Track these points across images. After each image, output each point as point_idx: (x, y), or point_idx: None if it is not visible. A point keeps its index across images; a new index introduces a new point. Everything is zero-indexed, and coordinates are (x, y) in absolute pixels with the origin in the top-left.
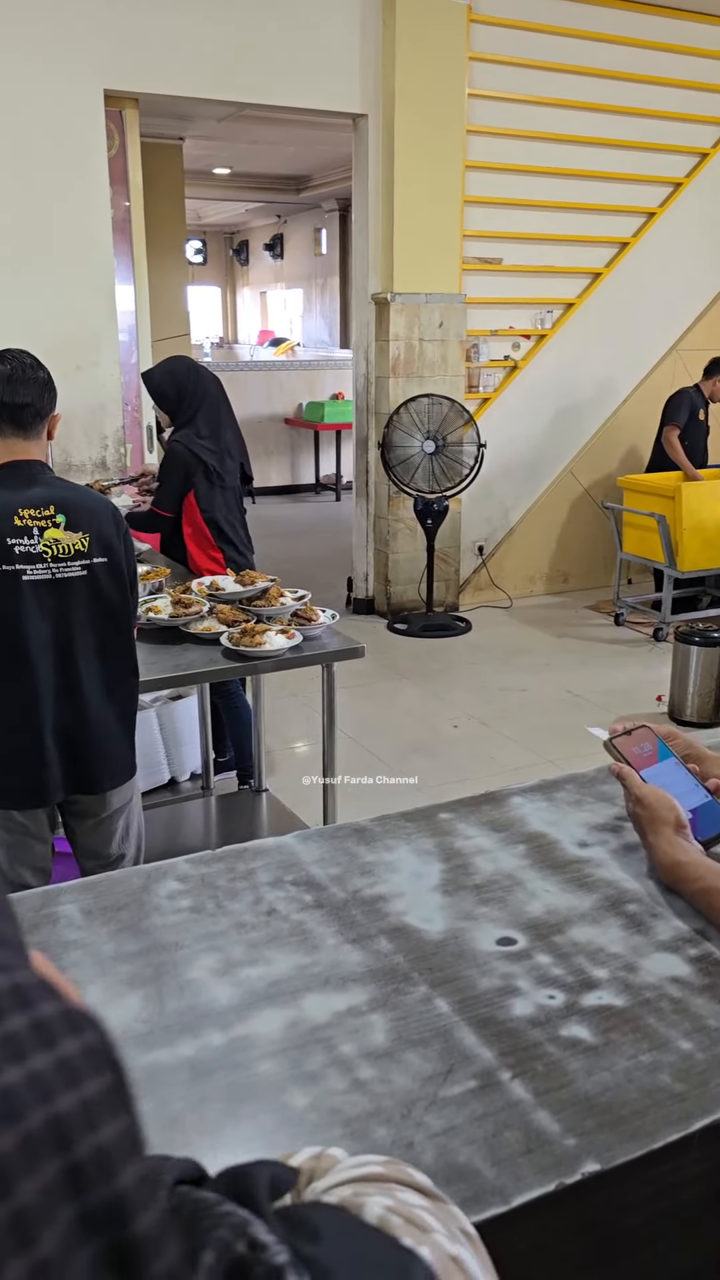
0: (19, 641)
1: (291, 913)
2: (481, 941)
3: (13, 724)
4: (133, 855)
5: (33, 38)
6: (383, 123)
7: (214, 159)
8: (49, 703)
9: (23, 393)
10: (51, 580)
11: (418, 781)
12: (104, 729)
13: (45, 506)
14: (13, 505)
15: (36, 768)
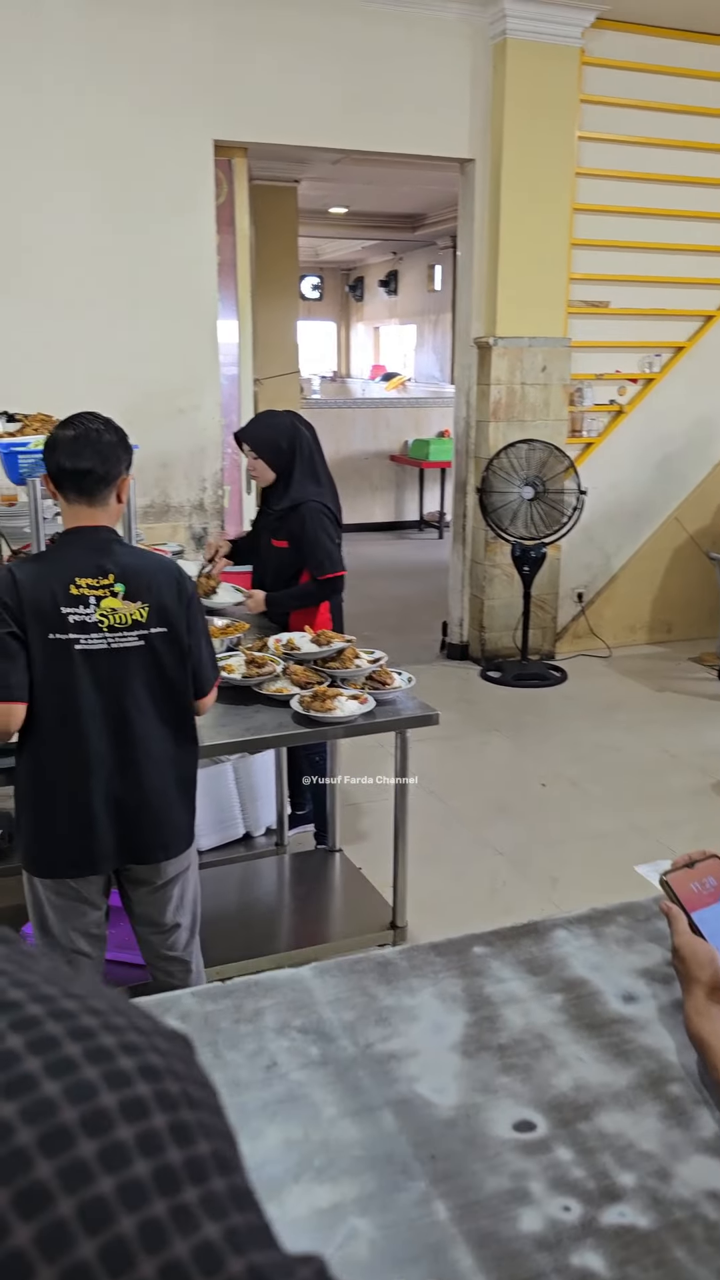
0: (71, 710)
1: (293, 1070)
2: (497, 1124)
3: (65, 793)
4: (188, 924)
5: (146, 91)
6: (490, 167)
7: (330, 199)
8: (101, 772)
9: (85, 458)
10: (107, 650)
11: (498, 848)
12: (159, 799)
13: (104, 575)
14: (71, 574)
15: (87, 837)
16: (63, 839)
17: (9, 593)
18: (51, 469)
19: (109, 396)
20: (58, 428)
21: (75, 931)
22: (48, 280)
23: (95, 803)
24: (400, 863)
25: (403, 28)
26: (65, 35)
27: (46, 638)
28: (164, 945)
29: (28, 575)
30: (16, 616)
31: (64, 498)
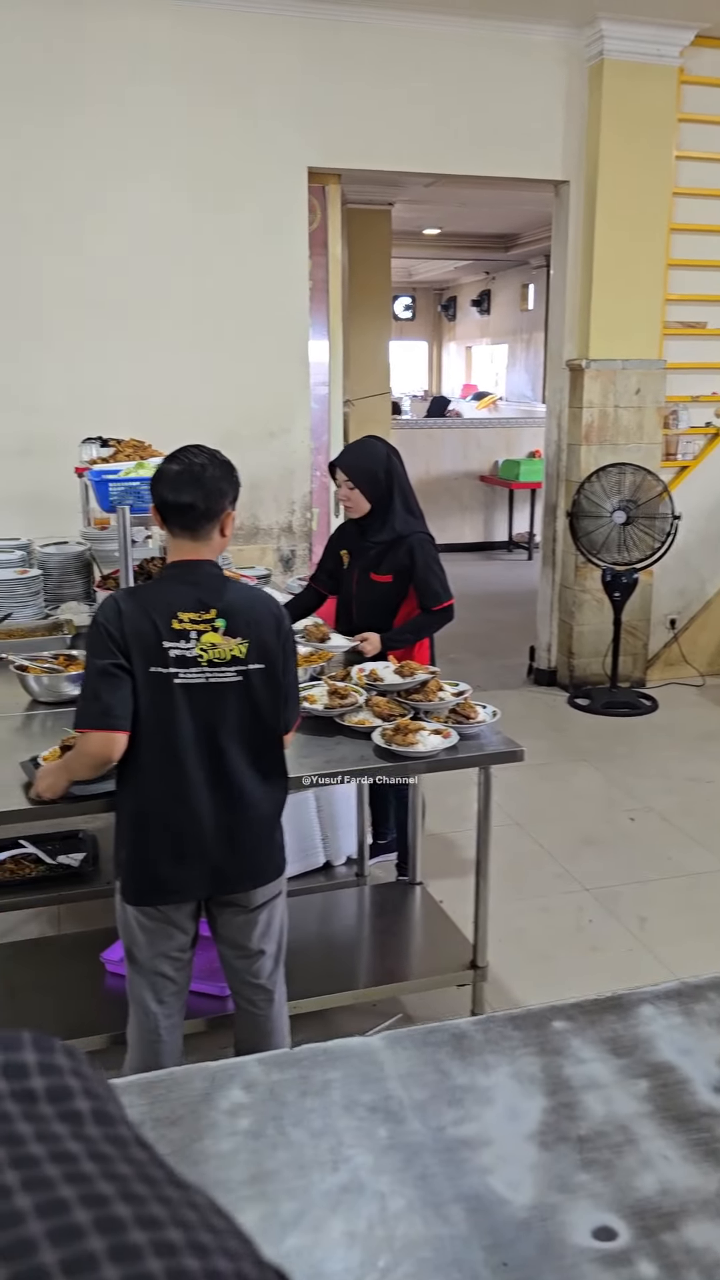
0: (170, 742)
1: (358, 1154)
2: (574, 1229)
3: (161, 822)
4: (273, 951)
5: (241, 121)
6: (585, 189)
7: (423, 220)
8: (197, 802)
9: (187, 493)
10: (204, 684)
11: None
12: (249, 830)
13: (206, 610)
14: (174, 607)
15: (182, 866)
16: (157, 867)
17: (114, 622)
18: (156, 501)
19: (200, 421)
20: (164, 461)
21: (161, 956)
22: (141, 306)
23: (189, 832)
24: (482, 901)
25: (497, 51)
26: (163, 68)
27: (148, 670)
28: (248, 971)
29: (131, 607)
30: (121, 647)
31: (169, 530)
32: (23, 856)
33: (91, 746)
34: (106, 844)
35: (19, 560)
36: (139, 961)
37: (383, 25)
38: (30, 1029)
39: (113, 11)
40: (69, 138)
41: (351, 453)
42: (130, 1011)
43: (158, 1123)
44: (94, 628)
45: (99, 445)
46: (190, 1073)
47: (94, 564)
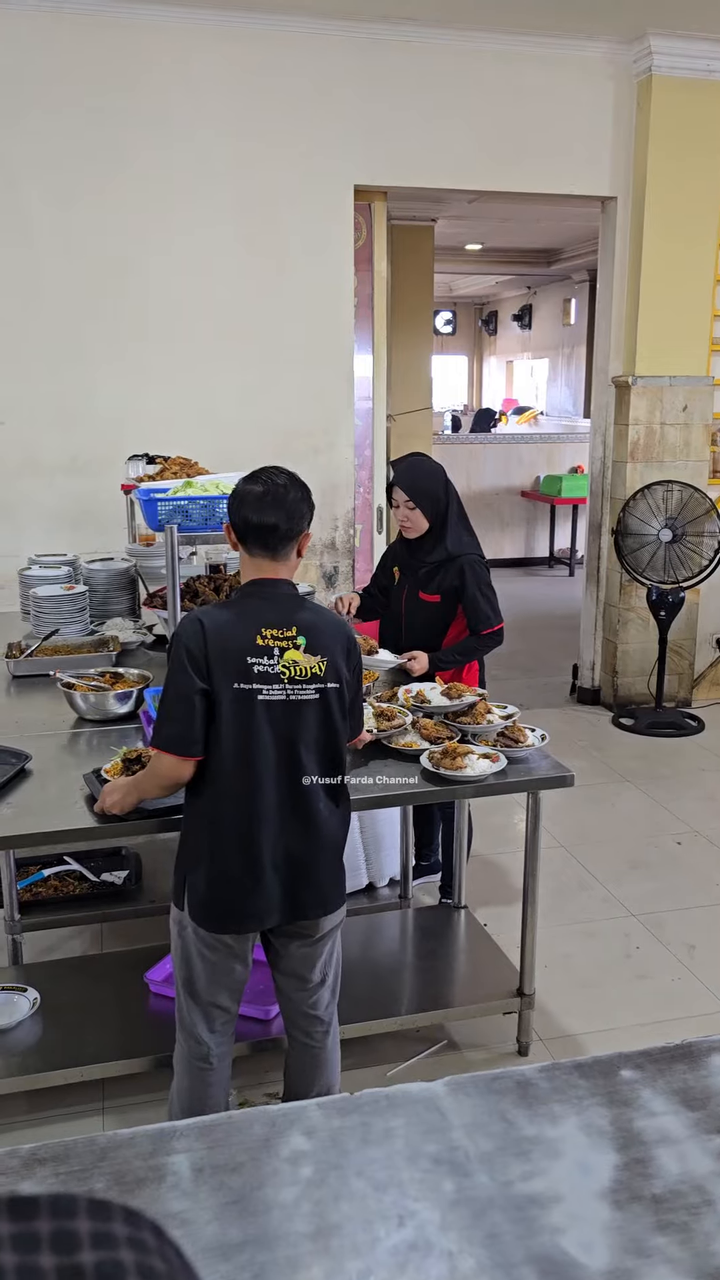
0: (250, 761)
1: (424, 1208)
2: None
3: (237, 845)
4: (331, 982)
5: (288, 141)
6: (632, 205)
7: (466, 236)
8: (272, 825)
9: (270, 514)
10: (285, 701)
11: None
12: (322, 855)
13: (288, 627)
14: (257, 624)
15: (255, 891)
16: (234, 891)
17: (196, 641)
18: (237, 522)
19: (245, 437)
20: (244, 482)
21: (220, 987)
22: (187, 323)
23: (265, 856)
24: (529, 929)
25: (543, 68)
26: (210, 89)
27: (233, 687)
28: (306, 1003)
29: (215, 624)
30: (203, 666)
31: (247, 550)
32: (66, 873)
33: (164, 768)
34: (150, 861)
35: (65, 576)
36: (196, 992)
37: (427, 43)
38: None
39: (161, 34)
40: (117, 159)
41: (411, 472)
42: (179, 1039)
43: (218, 1169)
44: (175, 647)
45: (145, 462)
46: (250, 1117)
47: (139, 580)
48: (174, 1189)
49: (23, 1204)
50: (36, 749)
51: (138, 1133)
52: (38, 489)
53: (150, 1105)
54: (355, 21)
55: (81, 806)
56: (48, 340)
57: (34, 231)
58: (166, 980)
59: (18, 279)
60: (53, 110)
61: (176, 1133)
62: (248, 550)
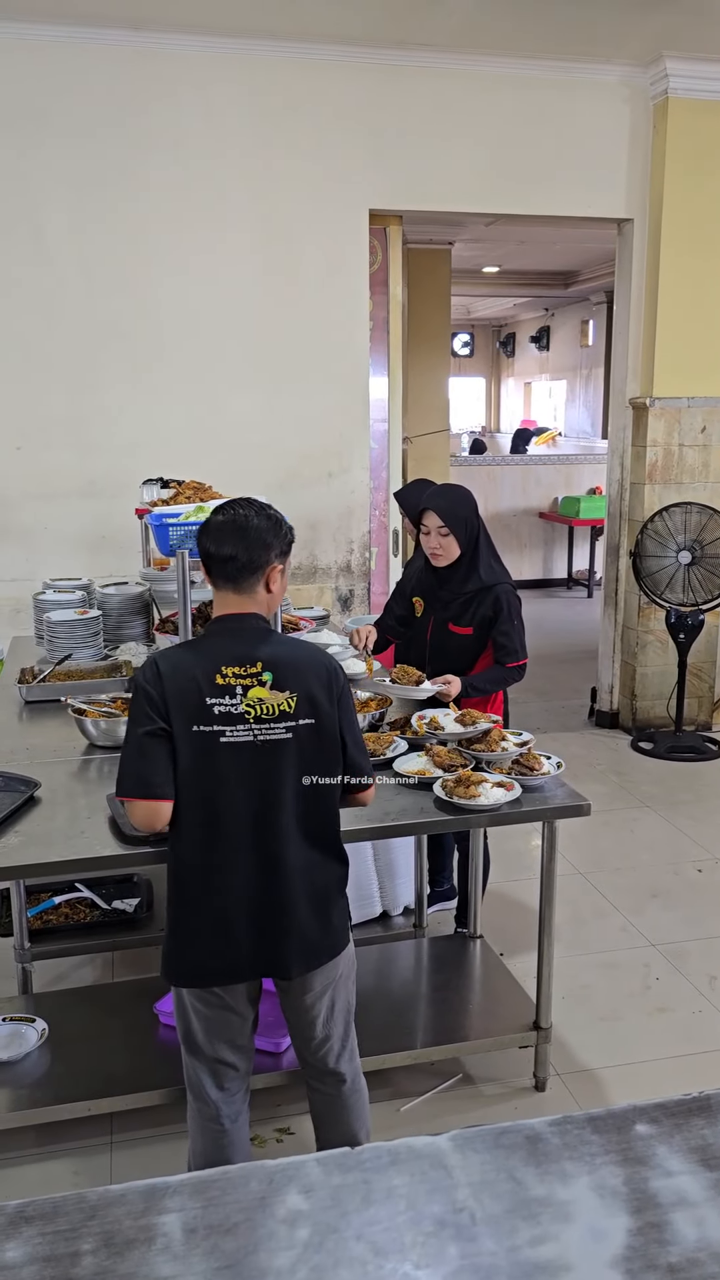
0: (212, 805)
1: (426, 1276)
2: None
3: (204, 896)
4: (340, 1034)
5: (303, 166)
6: (649, 226)
7: (483, 259)
8: (240, 874)
9: (229, 545)
10: (252, 744)
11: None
12: (296, 910)
13: (252, 664)
14: (217, 662)
15: (226, 944)
16: (202, 943)
17: (153, 684)
18: (200, 553)
19: (261, 460)
20: (212, 513)
21: (221, 1043)
22: (203, 347)
23: (232, 905)
24: (545, 961)
25: (559, 92)
26: (227, 114)
27: (191, 730)
28: (313, 1057)
29: (171, 666)
30: (160, 709)
31: (212, 583)
32: (78, 901)
33: (138, 815)
34: (161, 889)
35: (79, 600)
36: (197, 1047)
37: (442, 68)
38: None
39: (179, 62)
40: (136, 184)
41: (445, 497)
42: (189, 1100)
43: (211, 1230)
44: (134, 690)
45: (159, 486)
46: (247, 1173)
47: (153, 605)
48: (164, 1251)
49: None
50: (46, 776)
51: (129, 1189)
52: (55, 513)
53: (159, 1140)
54: (371, 48)
55: (89, 835)
56: (65, 364)
57: (53, 256)
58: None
59: (37, 303)
60: (74, 136)
61: (170, 1189)
62: (213, 583)
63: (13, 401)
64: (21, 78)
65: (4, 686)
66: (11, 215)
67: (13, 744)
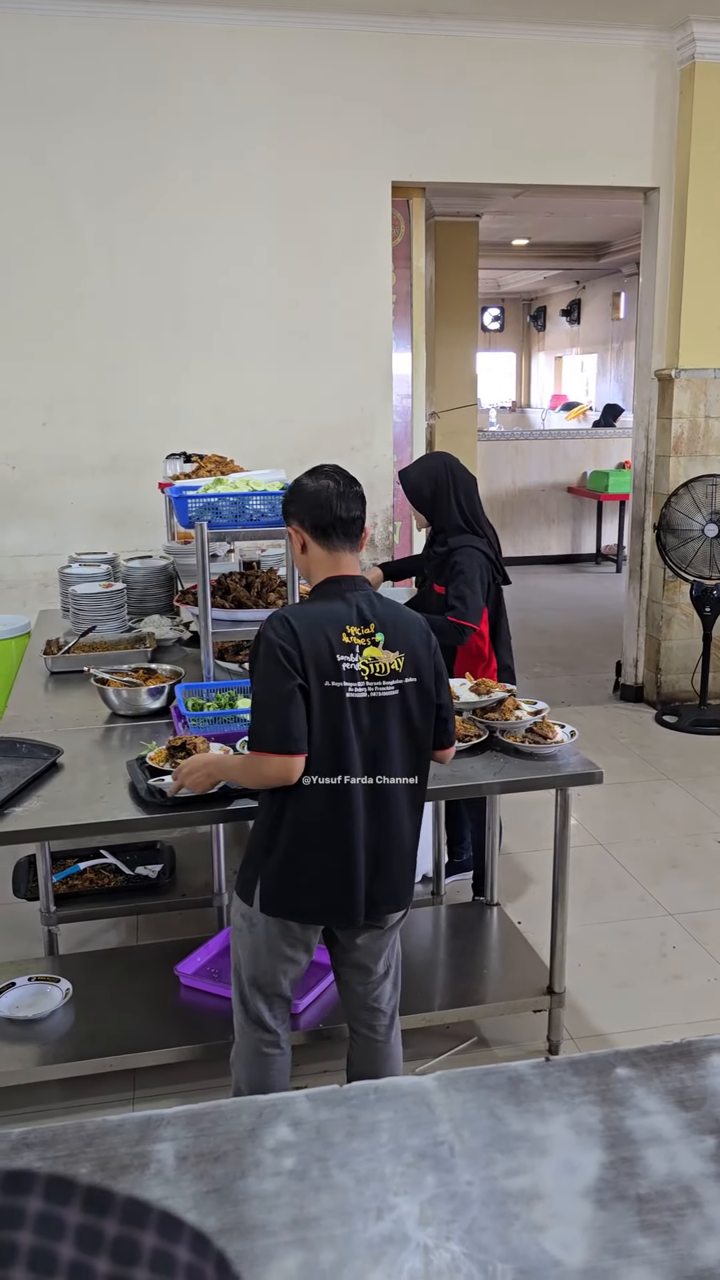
0: (339, 758)
1: (404, 1203)
2: None
3: (329, 842)
4: (394, 975)
5: (325, 138)
6: (675, 195)
7: (511, 231)
8: (361, 820)
9: (356, 508)
10: (368, 699)
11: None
12: (403, 848)
13: (368, 624)
14: (341, 622)
15: (347, 887)
16: (325, 888)
17: (290, 641)
18: (322, 518)
19: (282, 434)
20: (311, 478)
21: (286, 978)
22: (225, 322)
23: (357, 851)
24: (559, 927)
25: (582, 58)
26: (248, 87)
27: (323, 685)
28: (370, 995)
29: (303, 621)
30: (298, 663)
31: (326, 546)
32: (102, 866)
33: (271, 770)
34: (184, 856)
35: (104, 574)
36: (262, 985)
37: (464, 37)
38: None
39: (199, 35)
40: (157, 160)
41: (411, 466)
42: (242, 1035)
43: (201, 1158)
44: (268, 647)
45: (182, 460)
46: (239, 1106)
47: (176, 578)
48: (156, 1176)
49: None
50: (69, 744)
51: (127, 1119)
52: (80, 488)
53: (179, 1096)
54: (393, 17)
55: (109, 800)
56: (89, 341)
57: (76, 233)
58: (197, 973)
59: (61, 281)
60: (94, 113)
61: (164, 1120)
62: (328, 546)
63: (38, 378)
64: (41, 58)
65: (30, 658)
66: (34, 194)
67: (37, 713)
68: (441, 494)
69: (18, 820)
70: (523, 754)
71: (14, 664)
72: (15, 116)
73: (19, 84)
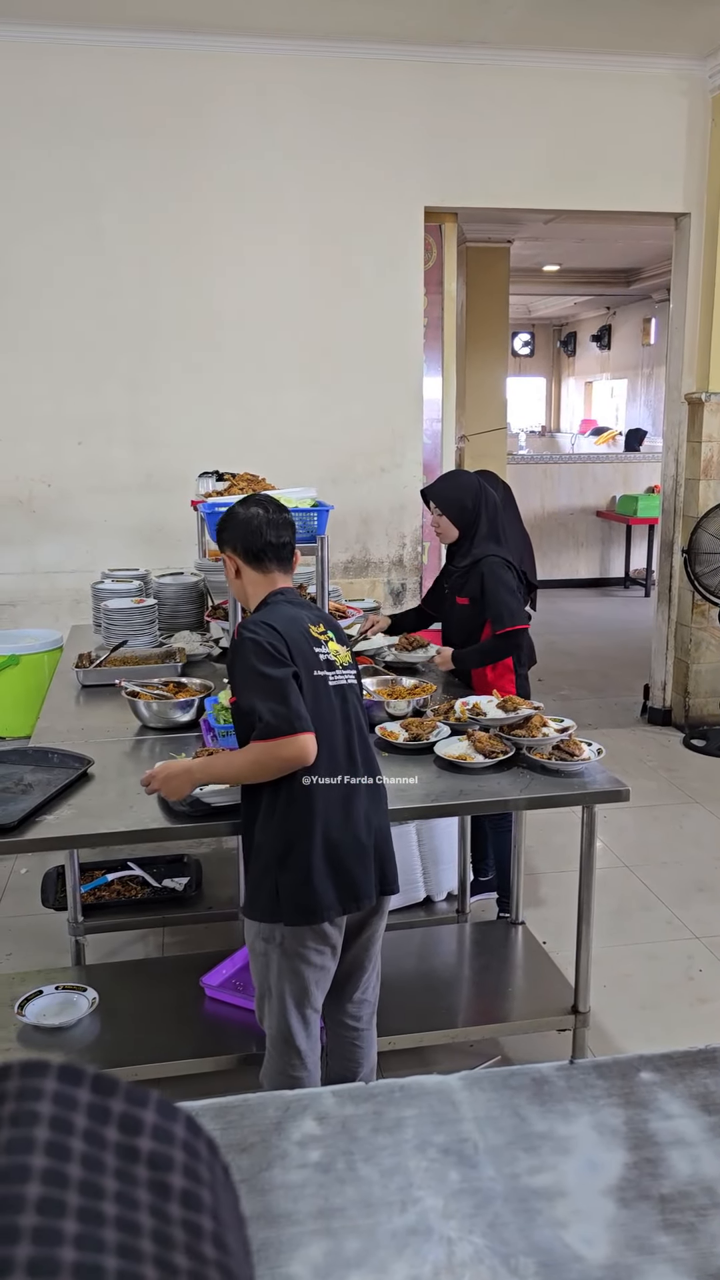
0: (333, 744)
1: (428, 1196)
2: None
3: (340, 822)
4: (378, 969)
5: (358, 164)
6: (706, 220)
7: (542, 257)
8: (360, 801)
9: (286, 535)
10: (345, 685)
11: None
12: (388, 829)
13: (319, 624)
14: (304, 620)
15: (358, 867)
16: (340, 872)
17: (275, 637)
18: (253, 544)
19: (314, 455)
20: (244, 507)
21: (321, 990)
22: (258, 344)
23: (362, 832)
24: (584, 945)
25: (615, 86)
26: (282, 113)
27: (312, 674)
28: (360, 989)
29: (280, 622)
30: (287, 654)
31: (260, 569)
32: (130, 878)
33: (291, 751)
34: (210, 869)
35: (136, 590)
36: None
37: (497, 64)
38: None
39: (234, 62)
40: (192, 184)
41: (442, 482)
42: (273, 1056)
43: (229, 1148)
44: (255, 646)
45: (215, 479)
46: (265, 1100)
47: (207, 594)
48: None
49: (105, 1082)
50: (100, 754)
51: None
52: (114, 506)
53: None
54: (427, 46)
55: (138, 809)
56: (124, 362)
57: (112, 256)
58: (223, 985)
59: (97, 303)
60: (131, 138)
61: (193, 1113)
62: (261, 569)
63: (74, 398)
64: (81, 82)
65: (62, 672)
66: (71, 216)
67: (69, 725)
68: (480, 505)
69: (49, 827)
70: (549, 771)
71: (46, 677)
72: (56, 139)
73: (62, 108)
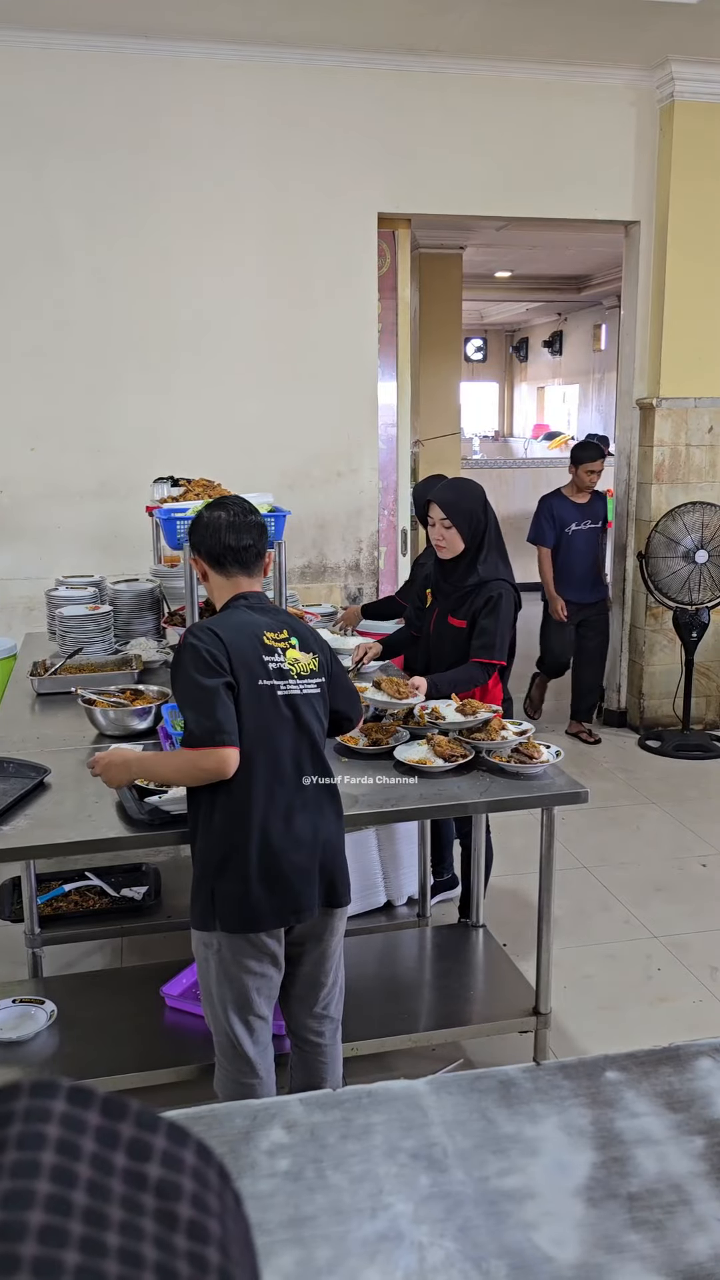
0: (275, 755)
1: (398, 1202)
2: None
3: (277, 837)
4: (340, 981)
5: (313, 169)
6: (656, 229)
7: (495, 263)
8: (306, 812)
9: (248, 538)
10: (300, 695)
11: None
12: (339, 841)
13: (281, 630)
14: (260, 627)
15: (299, 880)
16: (278, 883)
17: (218, 646)
18: (213, 548)
19: (270, 460)
20: (212, 510)
21: (262, 997)
22: (214, 349)
23: (306, 843)
24: (544, 948)
25: (567, 96)
26: (237, 119)
27: (256, 684)
28: (319, 1004)
29: (227, 629)
30: (225, 664)
31: (223, 572)
32: (87, 888)
33: (210, 763)
34: (169, 878)
35: (91, 597)
36: (242, 1008)
37: (451, 74)
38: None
39: (189, 68)
40: (148, 188)
41: (451, 490)
42: (224, 1066)
43: None
44: (192, 653)
45: (170, 485)
46: (232, 1110)
47: (164, 601)
48: None
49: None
50: (56, 763)
51: None
52: (69, 513)
53: None
54: (381, 54)
55: (96, 819)
56: (79, 368)
57: (67, 262)
58: (183, 995)
59: (51, 308)
60: (88, 142)
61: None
62: (225, 572)
63: (28, 405)
64: (33, 89)
65: (17, 680)
66: (25, 219)
67: (24, 733)
68: (488, 516)
69: (4, 838)
70: (508, 773)
71: (0, 686)
72: (9, 144)
73: (14, 112)
